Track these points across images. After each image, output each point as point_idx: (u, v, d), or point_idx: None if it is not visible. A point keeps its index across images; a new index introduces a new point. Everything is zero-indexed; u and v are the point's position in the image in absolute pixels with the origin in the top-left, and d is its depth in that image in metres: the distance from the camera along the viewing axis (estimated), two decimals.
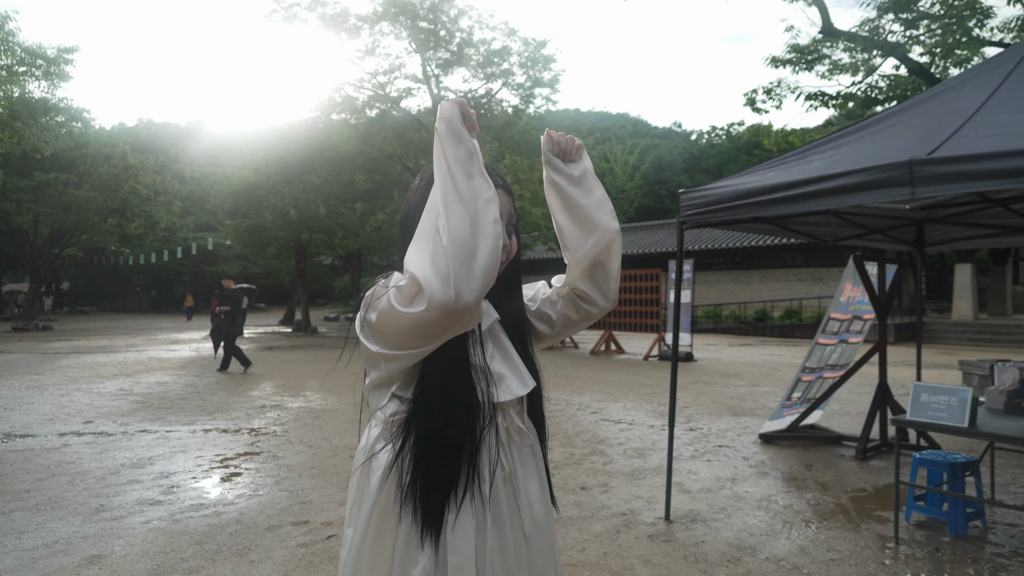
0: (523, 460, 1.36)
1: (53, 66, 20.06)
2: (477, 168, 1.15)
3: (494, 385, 1.28)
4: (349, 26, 19.39)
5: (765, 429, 6.56)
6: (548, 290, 1.52)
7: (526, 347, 1.43)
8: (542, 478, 1.40)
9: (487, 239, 1.10)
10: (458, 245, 1.07)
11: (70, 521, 4.15)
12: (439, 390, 1.23)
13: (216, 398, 9.01)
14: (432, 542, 1.20)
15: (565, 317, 1.49)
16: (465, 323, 1.12)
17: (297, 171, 20.20)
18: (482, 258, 1.08)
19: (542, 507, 1.37)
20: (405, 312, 1.09)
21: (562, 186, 1.40)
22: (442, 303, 1.05)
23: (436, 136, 1.18)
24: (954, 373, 11.22)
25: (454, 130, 1.16)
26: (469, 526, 1.22)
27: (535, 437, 1.42)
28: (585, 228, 1.40)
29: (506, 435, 1.32)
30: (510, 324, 1.41)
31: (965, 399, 3.63)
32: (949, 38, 12.97)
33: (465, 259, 1.06)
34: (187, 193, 31.43)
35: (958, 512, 3.95)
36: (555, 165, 1.41)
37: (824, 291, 23.27)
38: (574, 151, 1.43)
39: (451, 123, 1.17)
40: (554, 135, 1.42)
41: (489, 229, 1.11)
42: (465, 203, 1.10)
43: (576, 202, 1.40)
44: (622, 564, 3.53)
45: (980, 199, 4.87)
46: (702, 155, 52.51)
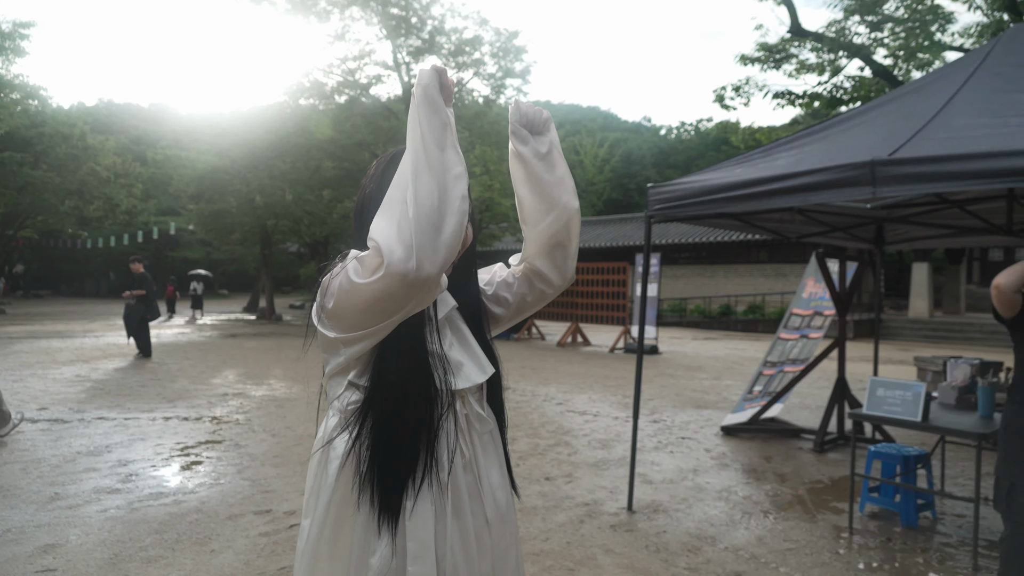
0: (484, 447, 1.36)
1: (8, 41, 19.40)
2: (450, 141, 1.14)
3: (452, 372, 1.28)
4: (319, 10, 19.08)
5: (727, 422, 6.68)
6: (504, 272, 1.52)
7: (483, 334, 1.43)
8: (502, 465, 1.40)
9: (453, 214, 1.09)
10: (424, 216, 1.06)
11: (23, 510, 4.05)
12: (395, 377, 1.22)
13: (177, 385, 8.85)
14: (390, 530, 1.20)
15: (520, 298, 1.48)
16: (423, 296, 1.11)
17: (263, 156, 19.86)
18: (446, 232, 1.08)
19: (504, 494, 1.37)
20: (363, 283, 1.08)
21: (527, 158, 1.38)
22: (402, 271, 1.04)
23: (412, 101, 1.16)
24: (910, 369, 11.55)
25: (430, 98, 1.14)
26: (428, 513, 1.22)
27: (495, 424, 1.42)
28: (546, 203, 1.38)
29: (466, 422, 1.32)
30: (467, 311, 1.41)
31: (919, 394, 3.74)
32: (912, 42, 13.27)
33: (429, 230, 1.06)
34: (149, 176, 30.66)
35: (909, 503, 4.08)
36: (522, 136, 1.39)
37: (787, 287, 23.70)
38: (542, 124, 1.41)
39: (428, 90, 1.15)
40: (523, 106, 1.40)
41: (456, 204, 1.10)
42: (435, 174, 1.09)
43: (539, 176, 1.38)
44: (585, 553, 3.57)
45: (938, 200, 5.00)
46: (671, 150, 52.96)
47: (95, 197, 27.15)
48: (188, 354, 12.52)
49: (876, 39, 14.09)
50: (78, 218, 28.65)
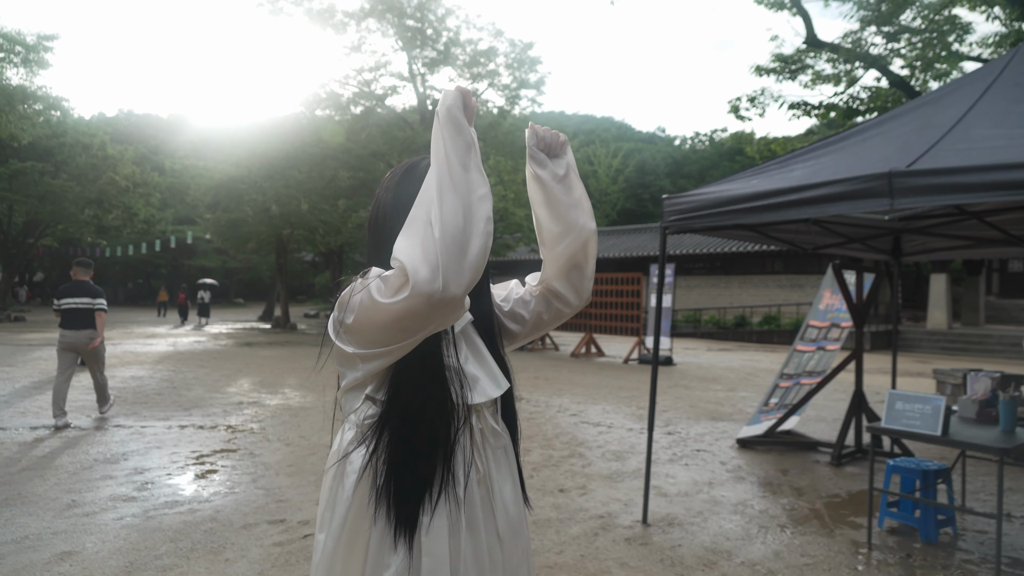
0: (497, 461, 1.35)
1: (32, 53, 19.76)
2: (474, 161, 1.14)
3: (468, 387, 1.28)
4: (335, 22, 19.30)
5: (742, 434, 6.62)
6: (521, 290, 1.52)
7: (497, 348, 1.43)
8: (515, 479, 1.40)
9: (479, 235, 1.09)
10: (450, 237, 1.06)
11: (41, 517, 4.08)
12: (413, 392, 1.22)
13: (193, 394, 8.91)
14: (406, 544, 1.19)
15: (537, 316, 1.49)
16: (447, 317, 1.11)
17: (279, 166, 20.04)
18: (472, 253, 1.07)
19: (516, 508, 1.36)
20: (387, 303, 1.08)
21: (545, 181, 1.39)
22: (427, 292, 1.04)
23: (436, 120, 1.16)
24: (928, 381, 11.40)
25: (454, 119, 1.15)
26: (443, 528, 1.21)
27: (508, 438, 1.42)
28: (563, 225, 1.40)
29: (480, 436, 1.32)
30: (481, 325, 1.41)
31: (938, 408, 3.69)
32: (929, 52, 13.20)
33: (455, 251, 1.05)
34: (167, 185, 30.98)
35: (929, 519, 4.02)
36: (539, 160, 1.41)
37: (803, 298, 23.52)
38: (559, 147, 1.43)
39: (451, 111, 1.15)
40: (539, 130, 1.41)
41: (481, 226, 1.10)
42: (460, 195, 1.09)
43: (557, 198, 1.39)
44: (599, 567, 3.55)
45: (956, 211, 4.95)
46: (685, 160, 52.86)
47: (114, 206, 27.47)
48: (204, 363, 12.61)
49: (893, 49, 14.03)
50: (97, 227, 28.99)
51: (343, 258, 30.17)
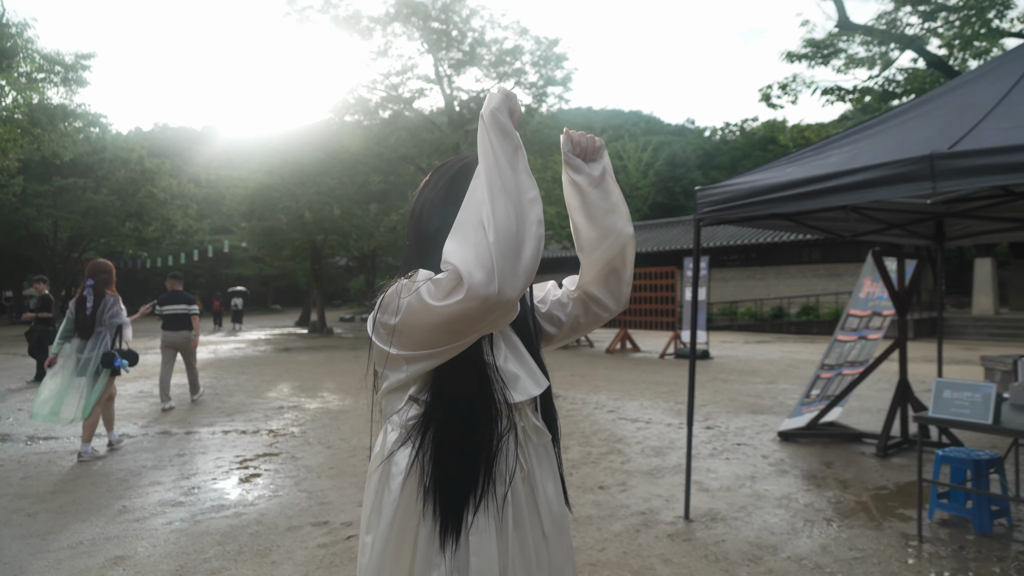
0: (539, 459, 1.35)
1: (71, 72, 20.33)
2: (522, 164, 1.14)
3: (509, 385, 1.28)
4: (361, 28, 19.48)
5: (784, 427, 6.51)
6: (558, 292, 1.51)
7: (534, 346, 1.42)
8: (556, 477, 1.39)
9: (531, 239, 1.09)
10: (504, 240, 1.05)
11: (94, 522, 4.20)
12: (456, 391, 1.23)
13: (235, 399, 9.08)
14: (453, 544, 1.19)
15: (574, 319, 1.48)
16: (501, 320, 1.11)
17: (311, 173, 20.30)
18: (526, 256, 1.07)
19: (558, 506, 1.36)
20: (439, 306, 1.08)
21: (582, 186, 1.38)
22: (483, 295, 1.04)
23: (481, 124, 1.16)
24: (975, 369, 11.09)
25: (500, 122, 1.14)
26: (490, 528, 1.21)
27: (548, 436, 1.41)
28: (600, 230, 1.38)
29: (523, 434, 1.32)
30: (518, 323, 1.40)
31: (989, 395, 3.58)
32: (968, 30, 12.82)
33: (509, 255, 1.05)
34: (203, 196, 31.70)
35: (983, 510, 3.90)
36: (576, 166, 1.39)
37: (841, 287, 23.06)
38: (595, 151, 1.40)
39: (496, 115, 1.15)
40: (574, 135, 1.39)
41: (533, 229, 1.10)
42: (511, 198, 1.09)
43: (594, 203, 1.38)
44: (642, 563, 3.52)
45: (1002, 192, 4.80)
46: (716, 151, 52.22)
47: (153, 218, 28.17)
48: (244, 368, 12.84)
49: (929, 29, 13.66)
50: (137, 239, 29.76)
51: (376, 262, 30.47)
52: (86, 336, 5.88)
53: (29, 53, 18.26)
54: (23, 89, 17.49)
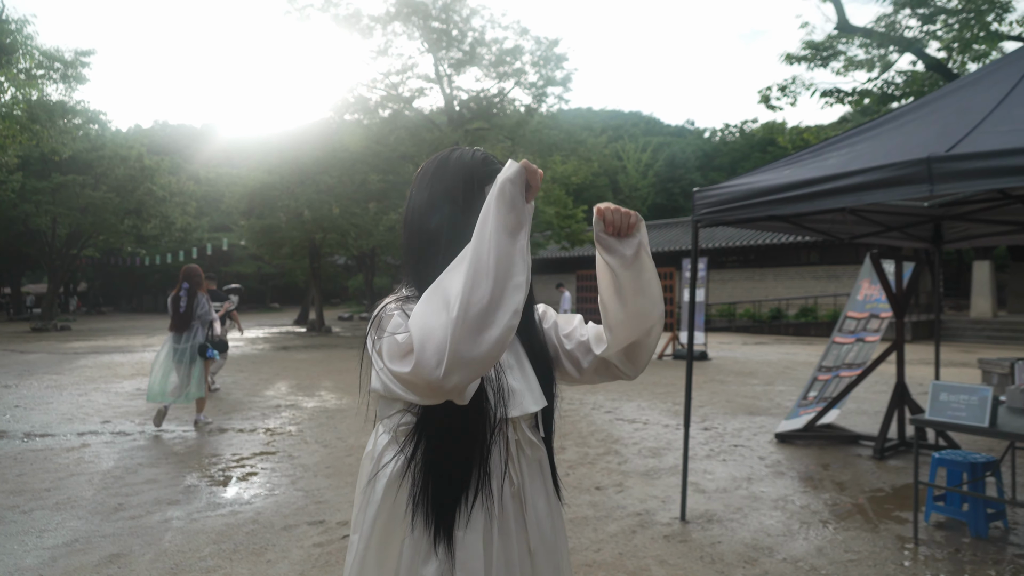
0: (531, 475, 1.31)
1: (70, 69, 20.32)
2: (522, 244, 1.06)
3: (506, 399, 1.24)
4: (362, 26, 19.48)
5: (781, 428, 6.52)
6: (585, 333, 1.41)
7: (544, 361, 1.36)
8: (549, 493, 1.35)
9: (499, 327, 1.01)
10: (469, 324, 0.98)
11: (89, 520, 4.19)
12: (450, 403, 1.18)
13: (232, 398, 9.07)
14: (439, 555, 1.18)
15: (593, 371, 1.40)
16: (448, 400, 1.07)
17: (311, 171, 20.29)
18: (485, 345, 1.00)
19: (549, 524, 1.32)
20: (392, 368, 1.06)
21: (614, 268, 1.25)
22: (427, 377, 0.99)
23: (491, 191, 1.07)
24: (973, 372, 11.10)
25: (508, 194, 1.05)
26: (477, 541, 1.19)
27: (544, 451, 1.37)
28: (628, 313, 1.28)
29: (516, 448, 1.28)
30: (527, 335, 1.36)
31: (985, 398, 3.58)
32: (967, 33, 12.83)
33: (469, 341, 0.99)
34: (202, 194, 31.61)
35: (978, 513, 3.91)
36: (608, 245, 1.26)
37: (839, 289, 23.08)
38: (629, 228, 1.25)
39: (507, 186, 1.05)
40: (607, 213, 1.24)
41: (506, 318, 1.02)
42: (495, 279, 1.01)
43: (625, 285, 1.26)
44: (638, 564, 3.52)
45: (1000, 195, 4.81)
46: (715, 153, 52.24)
47: (152, 216, 28.10)
48: (241, 367, 12.83)
49: (928, 32, 13.66)
50: (136, 236, 29.70)
51: (375, 260, 30.45)
52: (182, 330, 6.84)
53: (29, 49, 18.25)
54: (22, 85, 17.47)
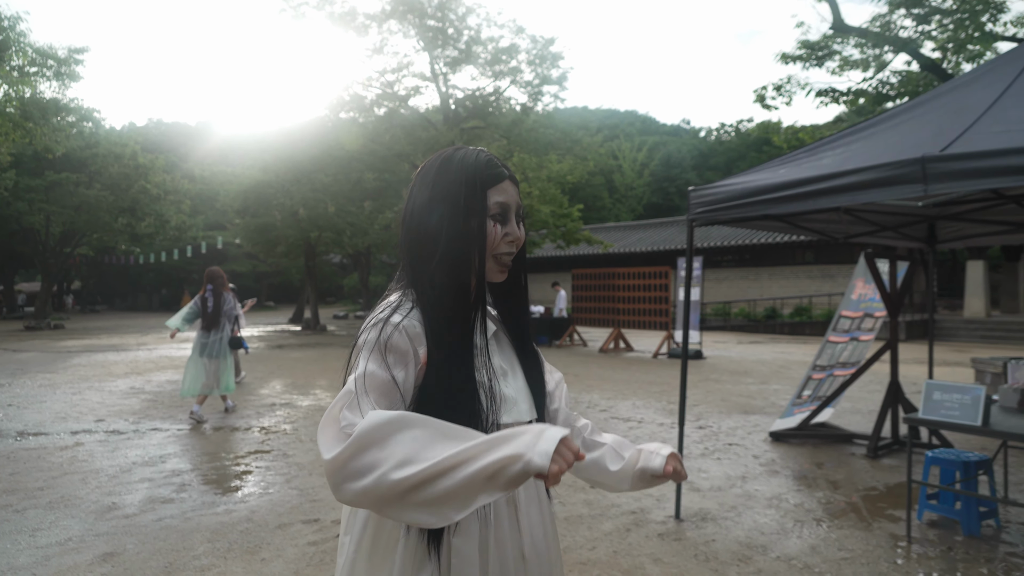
0: (525, 483, 1.28)
1: (64, 66, 20.19)
2: (483, 501, 0.98)
3: (499, 404, 1.22)
4: (357, 24, 19.42)
5: (775, 427, 6.53)
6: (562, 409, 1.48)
7: (532, 364, 1.36)
8: (542, 500, 1.34)
9: (391, 507, 0.98)
10: (383, 489, 0.95)
11: (83, 519, 4.18)
12: (440, 408, 1.15)
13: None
14: (434, 562, 1.16)
15: None
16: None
17: (306, 170, 20.24)
18: (369, 500, 0.98)
19: (541, 531, 1.31)
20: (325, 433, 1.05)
21: (618, 485, 1.43)
22: (329, 478, 1.00)
23: (495, 471, 0.96)
24: (966, 371, 11.15)
25: (519, 477, 0.96)
26: (473, 549, 1.18)
27: None
28: (612, 482, 1.44)
29: None
30: (518, 338, 1.35)
31: (978, 397, 3.60)
32: (961, 33, 12.88)
33: (369, 495, 0.97)
34: (197, 192, 31.48)
35: (971, 511, 3.93)
36: (642, 484, 1.42)
37: (834, 288, 23.14)
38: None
39: (514, 473, 0.95)
40: (683, 473, 1.41)
41: (401, 513, 0.99)
42: (434, 496, 0.96)
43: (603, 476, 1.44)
44: (632, 563, 3.53)
45: (993, 195, 4.83)
46: (711, 152, 52.31)
47: (146, 214, 28.00)
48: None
49: (923, 32, 13.71)
50: (130, 235, 29.57)
51: (371, 259, 30.41)
52: (211, 328, 7.30)
53: (22, 47, 18.13)
54: (15, 83, 17.36)
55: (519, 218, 1.29)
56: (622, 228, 34.88)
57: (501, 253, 1.25)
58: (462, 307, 1.21)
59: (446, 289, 1.20)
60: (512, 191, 1.28)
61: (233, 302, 7.58)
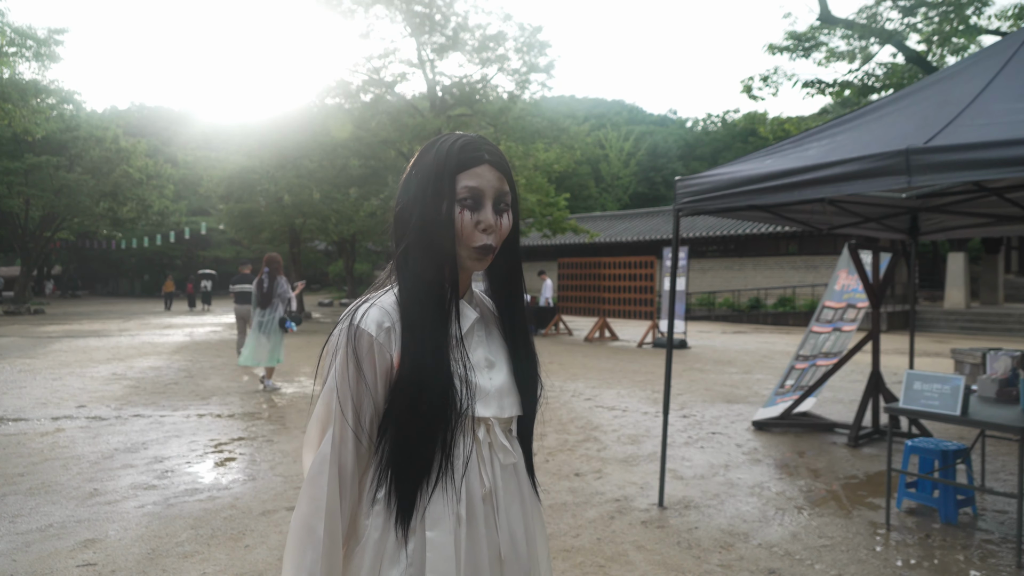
0: (505, 480, 1.25)
1: (43, 47, 19.84)
2: None
3: (474, 395, 1.19)
4: (343, 9, 19.22)
5: (758, 416, 6.60)
6: None
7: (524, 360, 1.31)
8: (525, 499, 1.29)
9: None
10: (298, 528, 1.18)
11: (64, 505, 4.15)
12: (416, 395, 1.15)
13: (210, 383, 9.00)
14: (409, 556, 1.14)
15: None
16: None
17: (291, 156, 20.05)
18: None
19: (522, 531, 1.26)
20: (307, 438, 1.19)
21: None
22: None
23: None
24: (946, 361, 11.30)
25: None
26: (449, 544, 1.15)
27: (520, 457, 1.30)
28: None
29: (489, 451, 1.23)
30: (510, 332, 1.31)
31: (957, 387, 3.65)
32: (946, 26, 12.96)
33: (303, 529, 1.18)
34: (180, 177, 31.12)
35: (949, 499, 3.99)
36: None
37: (818, 279, 23.34)
38: None
39: None
40: None
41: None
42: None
43: None
44: (616, 550, 3.56)
45: (975, 188, 4.88)
46: (697, 142, 52.43)
47: (128, 199, 27.68)
48: (220, 352, 12.72)
49: (909, 24, 13.78)
50: (112, 219, 29.24)
51: (356, 247, 30.25)
52: (265, 306, 8.34)
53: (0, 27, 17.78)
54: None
55: (501, 205, 1.21)
56: (608, 218, 34.92)
57: (476, 245, 1.18)
58: (434, 294, 1.18)
59: (418, 275, 1.18)
60: (489, 176, 1.19)
61: (286, 285, 8.46)
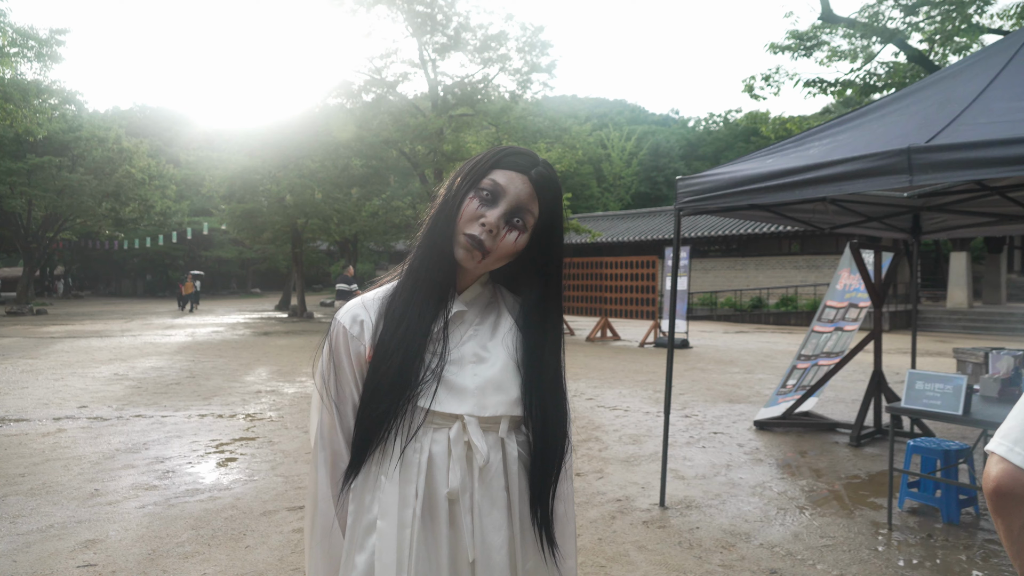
0: (486, 484, 1.16)
1: (45, 47, 19.84)
2: None
3: (437, 387, 1.15)
4: (345, 9, 19.22)
5: (760, 416, 6.58)
6: None
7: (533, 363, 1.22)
8: (513, 506, 1.19)
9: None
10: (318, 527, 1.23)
11: (65, 506, 4.15)
12: (373, 381, 1.16)
13: (211, 383, 9.00)
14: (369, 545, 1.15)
15: None
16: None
17: (293, 156, 20.07)
18: None
19: (499, 537, 1.16)
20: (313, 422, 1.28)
21: None
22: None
23: None
24: (948, 361, 11.28)
25: None
26: (392, 533, 1.13)
27: (517, 462, 1.20)
28: None
29: (464, 449, 1.16)
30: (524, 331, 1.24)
31: (960, 387, 3.64)
32: (948, 25, 12.93)
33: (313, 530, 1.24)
34: (182, 177, 31.12)
35: (951, 499, 3.98)
36: None
37: (820, 278, 23.30)
38: None
39: None
40: None
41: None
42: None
43: None
44: (617, 550, 3.55)
45: (978, 187, 4.86)
46: (699, 142, 52.39)
47: (130, 199, 27.69)
48: (222, 352, 12.73)
49: (911, 23, 13.75)
50: (114, 220, 29.26)
51: (358, 247, 30.26)
52: None
53: (1, 27, 17.80)
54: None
55: (516, 219, 1.16)
56: (610, 217, 34.91)
57: (468, 232, 1.14)
58: (422, 288, 1.19)
59: (414, 268, 1.21)
60: (520, 186, 1.15)
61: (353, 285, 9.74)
